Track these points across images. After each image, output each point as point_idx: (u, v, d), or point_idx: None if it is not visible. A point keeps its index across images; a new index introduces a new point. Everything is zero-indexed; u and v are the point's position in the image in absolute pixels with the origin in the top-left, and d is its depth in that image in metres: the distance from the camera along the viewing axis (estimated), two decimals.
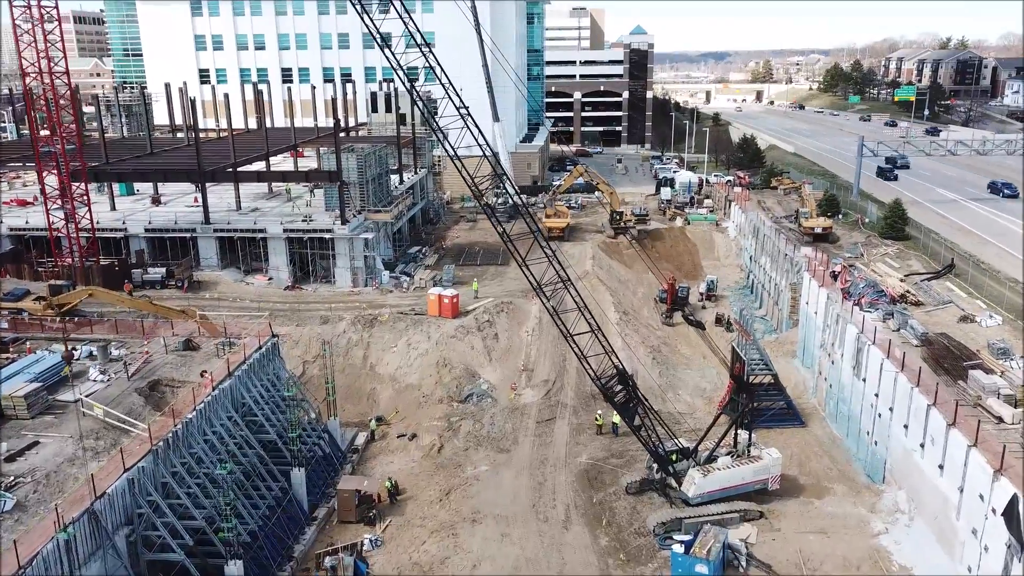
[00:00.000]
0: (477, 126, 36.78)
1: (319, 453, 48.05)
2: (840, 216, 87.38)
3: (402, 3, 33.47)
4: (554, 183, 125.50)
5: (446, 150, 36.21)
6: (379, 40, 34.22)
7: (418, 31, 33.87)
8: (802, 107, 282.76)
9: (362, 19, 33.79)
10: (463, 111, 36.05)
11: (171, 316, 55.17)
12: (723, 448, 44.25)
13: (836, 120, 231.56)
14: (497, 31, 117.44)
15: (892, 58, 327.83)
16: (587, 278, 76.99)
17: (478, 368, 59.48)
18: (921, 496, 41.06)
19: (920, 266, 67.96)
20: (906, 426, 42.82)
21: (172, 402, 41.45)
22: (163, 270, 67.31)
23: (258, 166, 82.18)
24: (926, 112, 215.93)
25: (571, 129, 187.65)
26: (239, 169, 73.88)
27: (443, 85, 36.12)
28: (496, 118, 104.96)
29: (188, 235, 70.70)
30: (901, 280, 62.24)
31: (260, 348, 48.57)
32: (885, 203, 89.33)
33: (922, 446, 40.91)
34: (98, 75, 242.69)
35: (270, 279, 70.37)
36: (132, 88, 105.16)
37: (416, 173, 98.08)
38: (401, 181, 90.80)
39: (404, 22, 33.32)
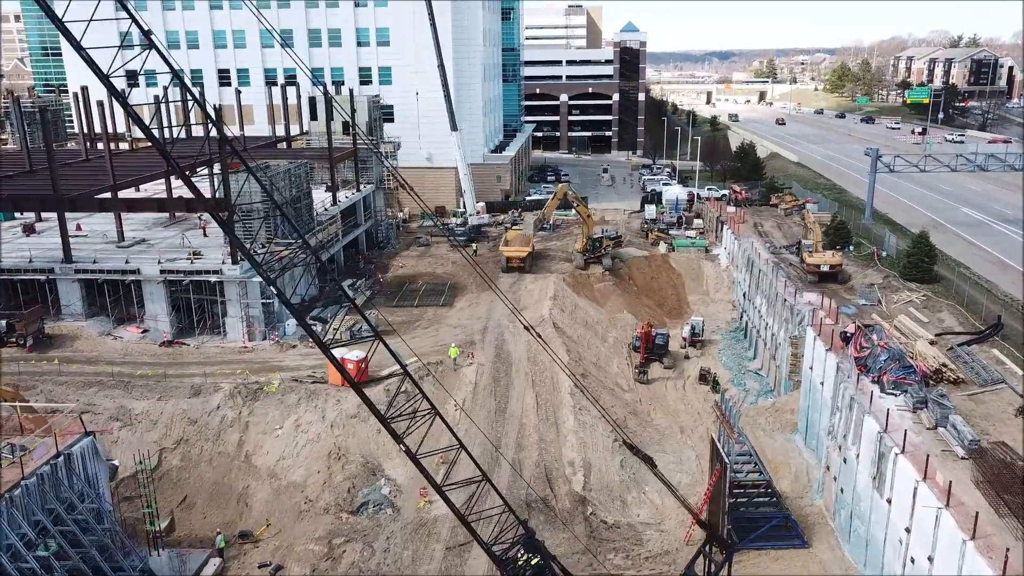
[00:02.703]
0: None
1: None
2: (851, 247, 72.88)
3: None
4: (528, 197, 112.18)
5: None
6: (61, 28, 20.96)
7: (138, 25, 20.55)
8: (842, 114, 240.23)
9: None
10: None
11: None
12: None
13: (866, 129, 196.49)
14: (461, 29, 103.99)
15: (902, 57, 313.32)
16: (542, 325, 63.31)
17: (383, 460, 45.84)
18: None
19: (954, 320, 53.20)
20: None
21: None
22: (2, 323, 53.73)
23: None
24: (940, 115, 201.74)
25: (557, 134, 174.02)
26: (107, 195, 59.64)
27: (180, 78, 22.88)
28: (454, 127, 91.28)
29: (44, 277, 57.05)
30: (932, 341, 48.41)
31: (56, 457, 35.06)
32: (906, 229, 75.38)
33: None
34: None
35: (145, 332, 56.71)
36: (40, 92, 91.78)
37: (359, 191, 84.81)
38: (335, 202, 77.36)
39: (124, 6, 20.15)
